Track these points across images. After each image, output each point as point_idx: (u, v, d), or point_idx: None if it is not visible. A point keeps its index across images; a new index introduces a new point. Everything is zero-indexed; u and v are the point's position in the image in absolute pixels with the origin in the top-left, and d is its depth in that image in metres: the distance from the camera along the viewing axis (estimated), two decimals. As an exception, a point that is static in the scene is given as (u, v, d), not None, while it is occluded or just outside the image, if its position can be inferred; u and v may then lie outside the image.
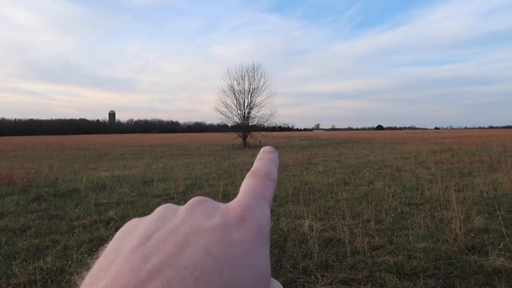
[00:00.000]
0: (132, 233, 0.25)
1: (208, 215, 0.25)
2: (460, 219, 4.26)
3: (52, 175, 10.24)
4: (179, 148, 25.48)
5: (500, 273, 3.09)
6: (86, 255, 3.72)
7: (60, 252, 3.83)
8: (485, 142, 24.64)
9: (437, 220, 4.67)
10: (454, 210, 4.78)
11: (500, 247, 3.60)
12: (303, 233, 4.25)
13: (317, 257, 3.53)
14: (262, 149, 0.36)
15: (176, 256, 0.21)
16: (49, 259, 3.62)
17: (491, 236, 4.00)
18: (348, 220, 4.75)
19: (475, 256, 3.45)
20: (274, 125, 33.40)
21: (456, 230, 3.99)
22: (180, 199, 6.44)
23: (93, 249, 3.90)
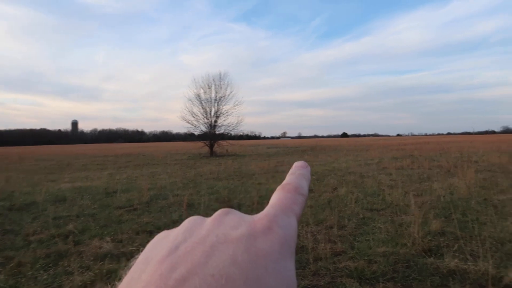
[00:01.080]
0: (161, 244, 0.26)
1: (235, 225, 0.25)
2: (418, 223, 4.42)
3: (8, 188, 9.76)
4: (145, 157, 24.98)
5: (454, 274, 3.22)
6: (42, 271, 3.57)
7: (14, 269, 3.65)
8: (444, 148, 25.72)
9: (396, 225, 4.81)
10: (413, 215, 4.97)
11: (454, 249, 3.76)
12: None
13: (280, 265, 3.54)
14: (295, 164, 0.37)
15: (203, 264, 0.22)
16: (1, 277, 3.44)
17: (446, 238, 4.17)
18: (311, 227, 4.81)
19: (432, 259, 3.58)
20: (241, 134, 33.51)
21: (414, 234, 4.13)
22: (144, 209, 6.30)
23: (50, 265, 3.74)
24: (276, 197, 0.30)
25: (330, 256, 3.72)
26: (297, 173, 0.35)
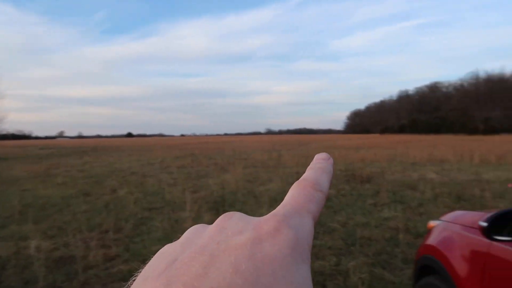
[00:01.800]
0: (159, 258, 0.23)
1: (238, 230, 0.22)
2: (192, 218, 4.72)
3: None
4: None
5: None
6: None
7: None
8: (221, 147, 28.44)
9: (173, 221, 5.00)
10: (188, 210, 5.27)
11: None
12: (28, 256, 3.72)
13: (43, 281, 3.14)
14: (316, 156, 0.32)
15: (201, 276, 0.19)
16: None
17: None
18: (84, 234, 4.46)
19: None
20: (5, 133, 28.27)
21: (187, 229, 4.37)
22: None
23: None
24: (289, 195, 0.26)
25: (103, 262, 3.54)
26: (316, 167, 0.30)
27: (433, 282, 2.07)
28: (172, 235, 4.38)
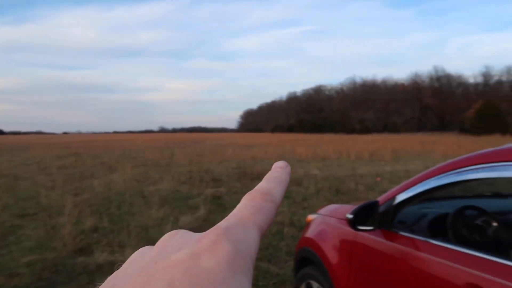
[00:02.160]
0: (103, 285, 0.22)
1: (179, 247, 0.21)
2: (71, 223, 4.33)
3: None
4: None
5: (103, 268, 3.33)
6: None
7: None
8: (109, 146, 26.76)
9: (49, 228, 4.53)
10: (68, 215, 4.82)
11: (104, 243, 3.91)
12: None
13: None
14: (274, 164, 0.32)
15: None
16: None
17: (99, 234, 4.29)
18: None
19: (82, 258, 3.57)
20: None
21: (66, 236, 4.01)
22: None
23: None
24: (237, 207, 0.25)
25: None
26: (272, 176, 0.29)
27: (310, 272, 2.22)
28: (47, 243, 3.97)
